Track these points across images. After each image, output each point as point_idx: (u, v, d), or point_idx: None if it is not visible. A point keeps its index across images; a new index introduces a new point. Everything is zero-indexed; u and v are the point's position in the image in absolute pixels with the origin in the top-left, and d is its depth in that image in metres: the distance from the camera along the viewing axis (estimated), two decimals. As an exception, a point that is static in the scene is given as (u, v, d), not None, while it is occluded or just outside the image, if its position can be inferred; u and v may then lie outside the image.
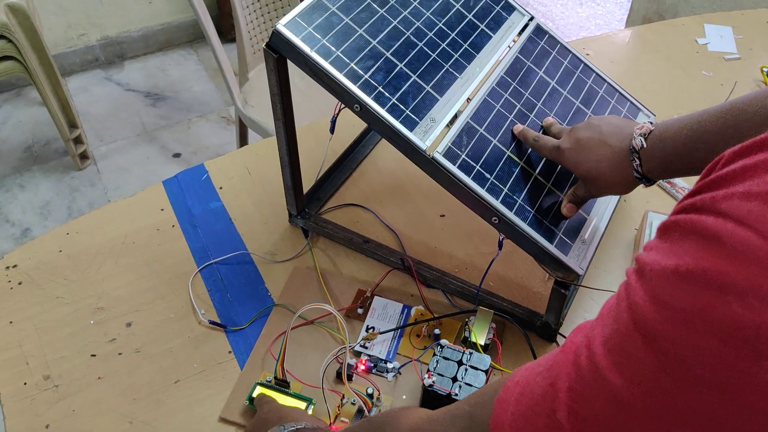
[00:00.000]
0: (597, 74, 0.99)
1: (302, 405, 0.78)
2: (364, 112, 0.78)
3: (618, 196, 0.90)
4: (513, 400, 0.42)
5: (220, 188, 1.07)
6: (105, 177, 2.29)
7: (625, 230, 1.00)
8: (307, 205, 1.01)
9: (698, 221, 0.34)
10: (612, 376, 0.35)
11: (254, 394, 0.79)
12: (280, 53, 0.78)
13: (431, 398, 0.77)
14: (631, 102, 1.00)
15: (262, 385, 0.79)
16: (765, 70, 1.28)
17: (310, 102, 1.70)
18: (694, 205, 0.35)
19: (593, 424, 0.37)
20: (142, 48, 2.78)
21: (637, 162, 0.73)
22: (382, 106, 0.77)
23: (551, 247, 0.78)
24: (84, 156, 2.31)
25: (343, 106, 0.81)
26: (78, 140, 2.27)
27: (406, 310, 0.89)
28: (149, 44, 2.79)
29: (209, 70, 2.72)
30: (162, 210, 1.03)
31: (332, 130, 0.91)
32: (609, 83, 1.00)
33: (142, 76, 2.70)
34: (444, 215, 1.03)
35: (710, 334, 0.31)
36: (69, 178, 2.28)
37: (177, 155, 2.37)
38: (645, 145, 0.73)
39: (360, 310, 0.89)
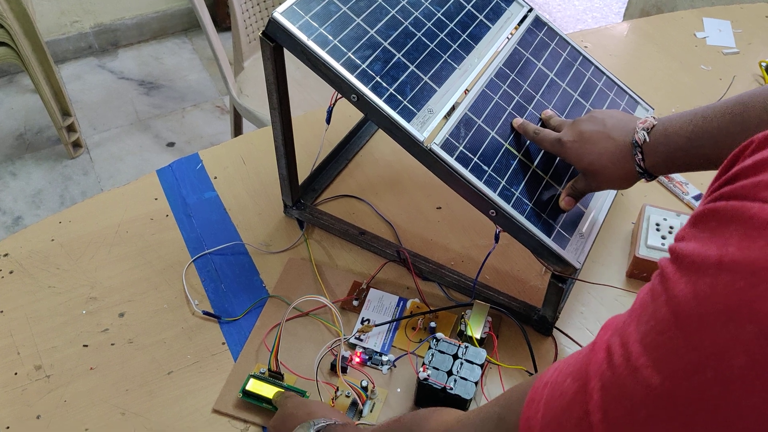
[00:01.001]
0: (596, 67, 0.99)
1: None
2: (361, 102, 0.77)
3: (616, 190, 0.90)
4: (542, 403, 0.41)
5: (215, 178, 1.06)
6: (98, 166, 2.27)
7: (622, 224, 1.00)
8: (303, 195, 1.00)
9: (741, 208, 0.33)
10: (650, 375, 0.34)
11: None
12: (276, 42, 0.77)
13: (426, 392, 0.76)
14: (630, 95, 1.00)
15: (255, 377, 0.79)
16: (764, 64, 1.28)
17: (305, 92, 1.69)
18: (733, 192, 0.34)
19: (628, 424, 0.35)
20: (136, 36, 2.76)
21: (640, 156, 0.73)
22: (380, 96, 0.76)
23: (549, 241, 0.78)
24: (77, 144, 2.29)
25: (339, 96, 0.80)
26: (71, 128, 2.25)
27: (401, 303, 0.89)
28: (143, 32, 2.76)
29: (204, 59, 2.70)
30: (156, 199, 1.02)
31: (328, 121, 0.90)
32: (608, 76, 0.99)
33: (136, 65, 2.68)
34: (440, 207, 1.02)
35: (757, 327, 0.30)
36: (61, 166, 2.26)
37: (171, 144, 2.35)
38: (648, 140, 0.72)
39: (355, 303, 0.89)
